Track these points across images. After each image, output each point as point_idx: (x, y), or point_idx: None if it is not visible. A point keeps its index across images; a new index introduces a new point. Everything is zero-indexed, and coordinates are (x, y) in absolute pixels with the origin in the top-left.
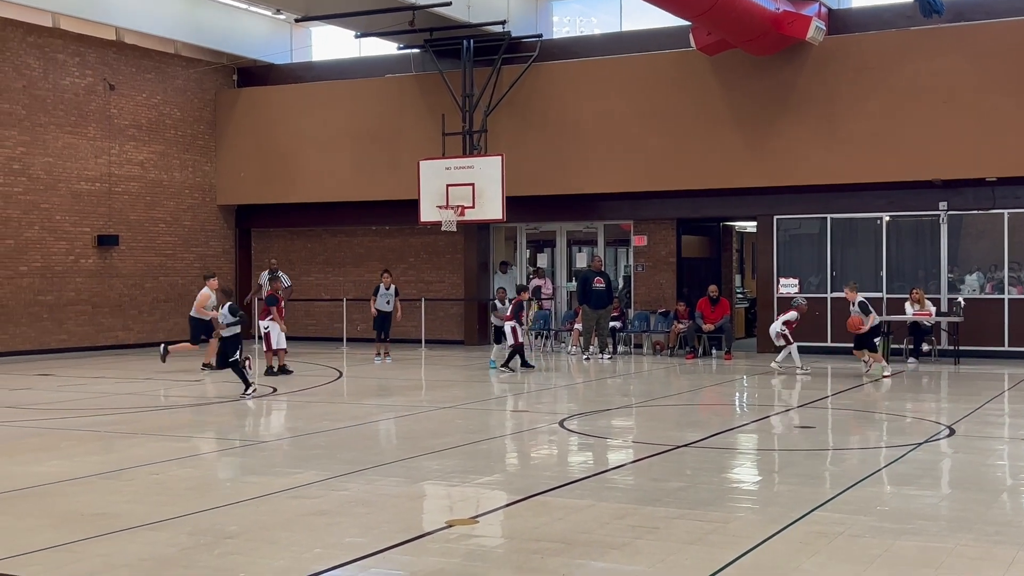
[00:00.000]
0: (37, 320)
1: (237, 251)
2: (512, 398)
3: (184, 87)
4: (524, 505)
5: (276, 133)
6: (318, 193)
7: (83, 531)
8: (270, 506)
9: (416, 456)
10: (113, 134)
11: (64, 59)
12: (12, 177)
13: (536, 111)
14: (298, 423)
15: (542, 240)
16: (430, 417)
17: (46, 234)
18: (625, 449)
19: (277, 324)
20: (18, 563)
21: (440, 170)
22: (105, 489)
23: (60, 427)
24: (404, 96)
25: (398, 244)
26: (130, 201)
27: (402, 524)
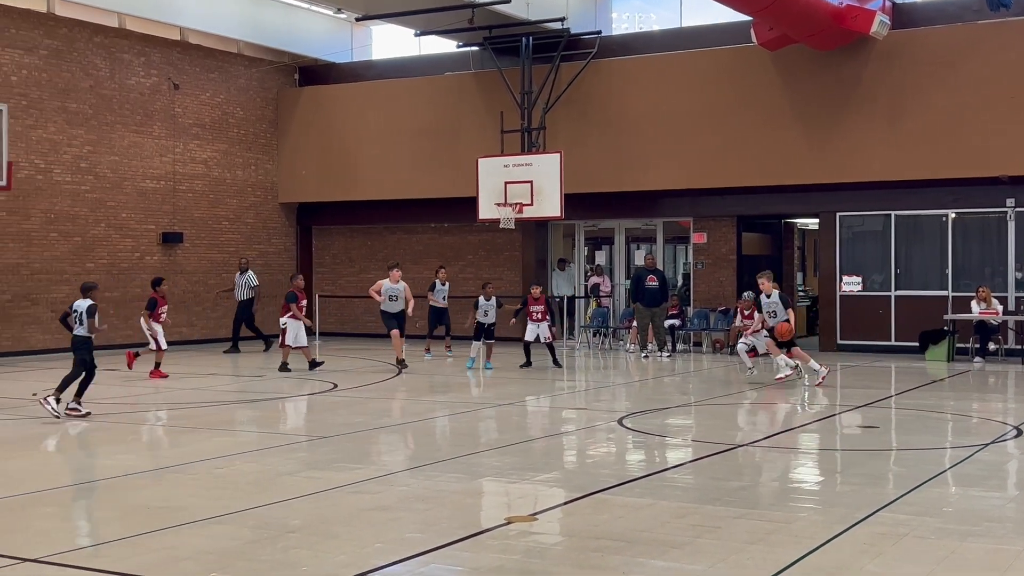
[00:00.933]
0: (104, 316)
1: (298, 249)
2: (570, 396)
3: (247, 86)
4: (583, 503)
5: (337, 131)
6: (378, 191)
7: (149, 524)
8: (331, 501)
9: (474, 453)
10: (177, 133)
11: (130, 59)
12: (80, 175)
13: (595, 108)
14: (358, 419)
15: (600, 237)
16: (488, 414)
17: (112, 232)
18: (684, 448)
19: (296, 321)
20: (88, 555)
21: (498, 167)
22: (170, 483)
23: (126, 421)
24: (463, 94)
25: (456, 242)
26: (194, 199)
27: (461, 520)
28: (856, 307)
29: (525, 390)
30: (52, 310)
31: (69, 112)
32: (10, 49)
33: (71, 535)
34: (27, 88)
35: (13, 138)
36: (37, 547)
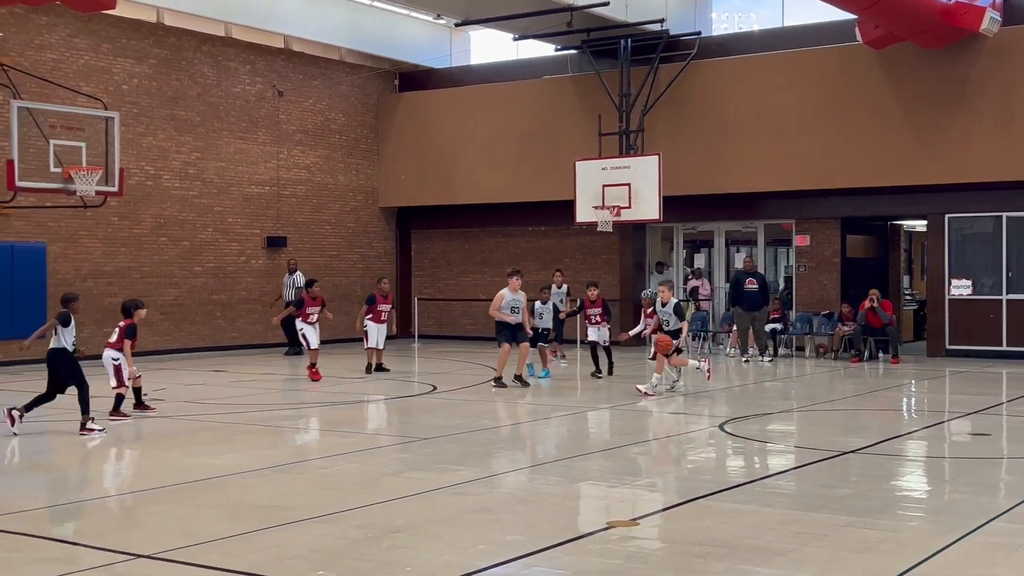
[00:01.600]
0: (211, 318)
1: (398, 252)
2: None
3: (348, 92)
4: (684, 508)
5: (435, 136)
6: (476, 195)
7: (256, 522)
8: (433, 502)
9: (574, 456)
10: (281, 139)
11: (236, 67)
12: (188, 181)
13: (694, 109)
14: (458, 421)
15: (699, 240)
16: (586, 418)
17: (219, 236)
18: (787, 454)
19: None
20: (199, 551)
21: (596, 170)
22: (277, 482)
23: (233, 421)
24: (561, 97)
25: (554, 244)
26: (297, 204)
27: (562, 523)
28: (965, 311)
29: (623, 394)
30: (161, 312)
31: (178, 119)
32: (121, 59)
33: (182, 532)
34: (138, 96)
35: (124, 145)
36: (150, 543)
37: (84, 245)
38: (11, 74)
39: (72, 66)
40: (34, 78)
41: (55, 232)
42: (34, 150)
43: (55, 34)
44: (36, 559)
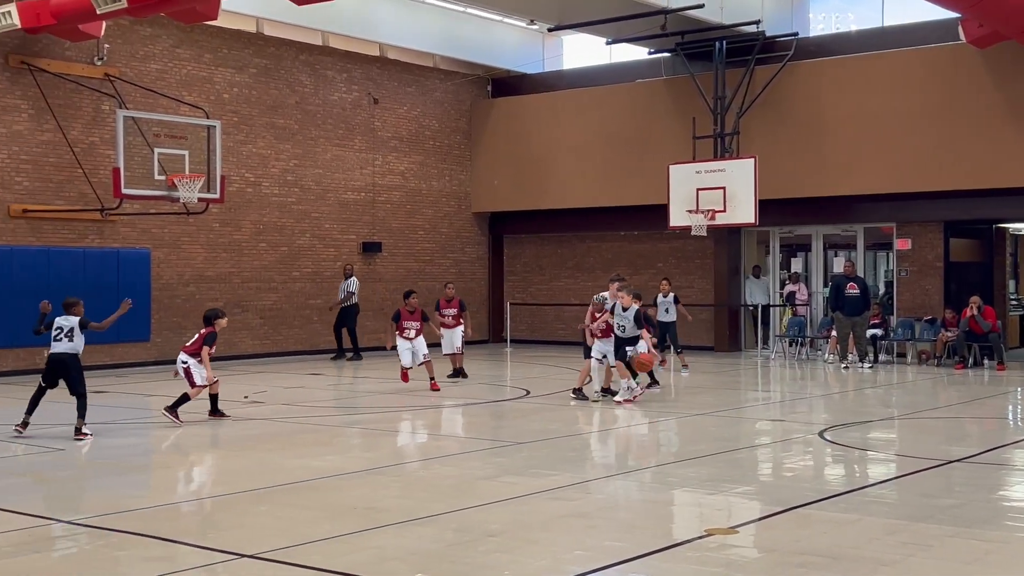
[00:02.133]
0: (308, 322)
1: (490, 257)
2: (766, 407)
3: (442, 99)
4: (784, 517)
5: (528, 141)
6: (568, 199)
7: (356, 524)
8: (529, 506)
9: (670, 463)
10: (377, 146)
11: (333, 75)
12: (286, 188)
13: (791, 111)
14: (552, 425)
15: (796, 244)
16: (683, 424)
17: (316, 241)
18: (889, 463)
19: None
20: (300, 552)
21: (690, 174)
22: (374, 484)
23: (331, 424)
24: (654, 101)
25: (647, 249)
26: (392, 210)
27: (660, 530)
28: None
29: (719, 400)
30: (261, 317)
31: (277, 127)
32: (222, 68)
33: (283, 532)
34: (238, 105)
35: (225, 153)
36: (253, 543)
37: (187, 251)
38: (117, 84)
39: (175, 76)
40: (139, 88)
41: (159, 238)
42: (139, 158)
43: (159, 45)
44: (140, 558)
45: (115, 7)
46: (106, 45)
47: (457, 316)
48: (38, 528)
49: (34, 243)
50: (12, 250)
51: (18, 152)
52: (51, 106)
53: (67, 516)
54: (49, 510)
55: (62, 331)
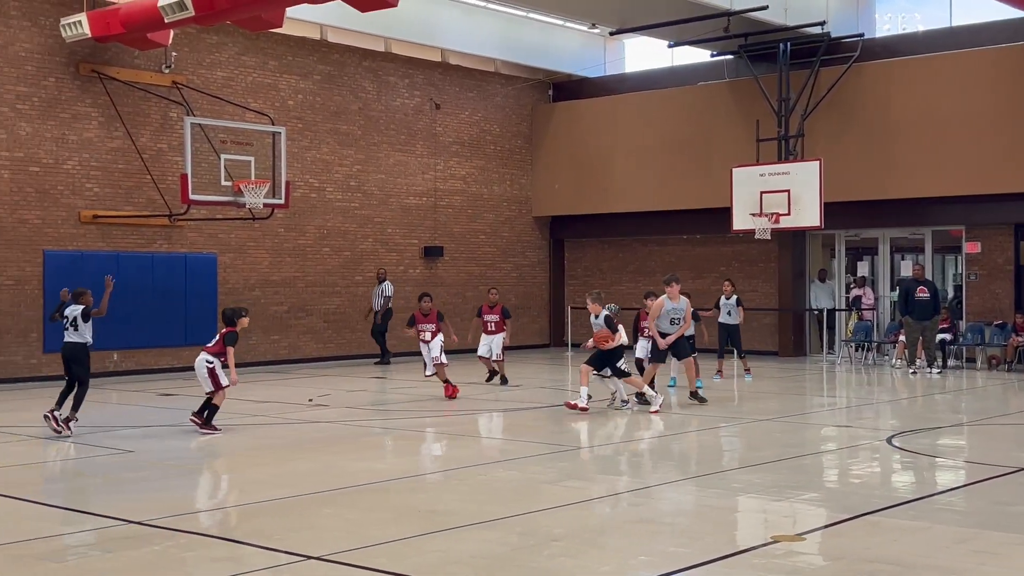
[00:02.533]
0: (371, 326)
1: (551, 261)
2: (832, 413)
3: (502, 104)
4: (852, 524)
5: (589, 145)
6: (629, 203)
7: (420, 527)
8: (592, 511)
9: (735, 469)
10: (438, 151)
11: (395, 81)
12: (349, 193)
13: (857, 113)
14: (615, 430)
15: (862, 247)
16: (747, 429)
17: (379, 246)
18: (959, 470)
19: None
20: (366, 554)
21: (754, 177)
22: (437, 487)
23: (393, 427)
24: (716, 103)
25: (709, 253)
26: (453, 214)
27: (724, 537)
28: None
29: (784, 406)
30: (324, 320)
31: (340, 133)
32: (287, 75)
33: (349, 535)
34: (302, 111)
35: (290, 159)
36: (318, 545)
37: (252, 256)
38: (184, 92)
39: (241, 83)
40: (205, 95)
41: (225, 243)
42: (206, 165)
43: (225, 52)
44: (207, 558)
45: (182, 15)
46: (174, 53)
47: (499, 322)
48: (108, 529)
49: (104, 248)
50: (83, 255)
51: (89, 159)
52: (120, 114)
53: (136, 517)
54: (119, 511)
55: (68, 320)
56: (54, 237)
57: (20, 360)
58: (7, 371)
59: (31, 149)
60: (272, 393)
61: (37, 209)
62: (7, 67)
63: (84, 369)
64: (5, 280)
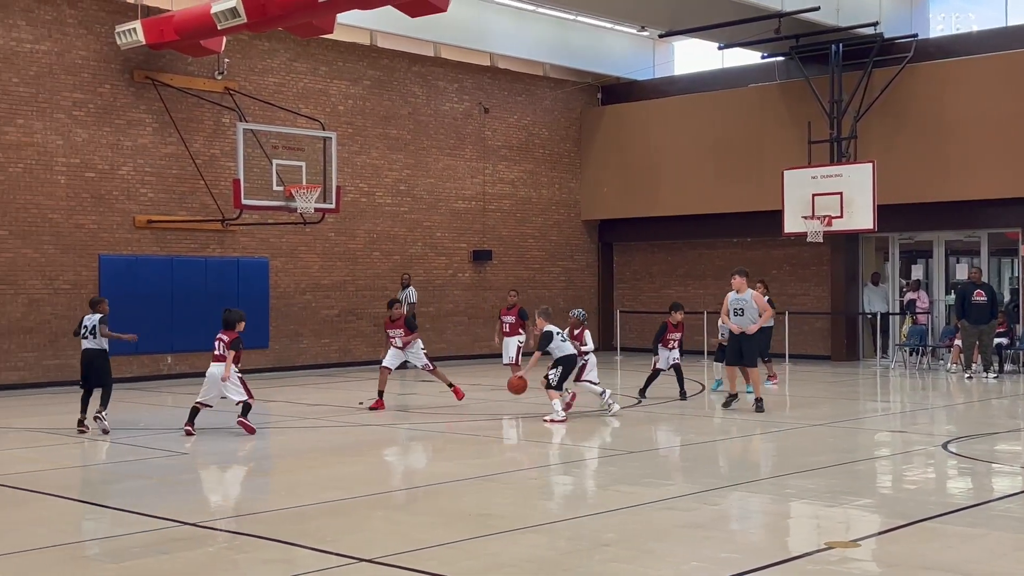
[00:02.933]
0: (420, 330)
1: (600, 265)
2: (886, 418)
3: (551, 107)
4: (908, 530)
5: (638, 148)
6: (678, 206)
7: (470, 530)
8: (643, 516)
9: (787, 474)
10: (487, 155)
11: (444, 86)
12: (399, 198)
13: (910, 114)
14: (664, 435)
15: (916, 250)
16: (799, 434)
17: (428, 250)
18: (1016, 476)
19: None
20: (417, 557)
21: (805, 179)
22: (487, 491)
23: (443, 431)
24: (766, 105)
25: (759, 256)
26: (502, 218)
27: (777, 542)
28: None
29: (837, 411)
30: (374, 324)
31: (390, 138)
32: (337, 80)
33: (400, 538)
34: (352, 117)
35: (340, 164)
36: (370, 548)
37: (303, 260)
38: (236, 98)
39: (292, 89)
40: (258, 101)
41: (276, 247)
42: (258, 170)
43: (276, 59)
44: (260, 560)
45: (235, 22)
46: (226, 60)
47: (515, 324)
48: (164, 530)
49: (158, 253)
50: (137, 259)
51: (143, 165)
52: (174, 120)
53: (191, 518)
54: (174, 512)
55: (87, 329)
56: (109, 242)
57: (76, 363)
58: (64, 374)
59: (87, 155)
60: (323, 396)
61: (93, 214)
62: (64, 75)
63: (105, 374)
64: (62, 284)
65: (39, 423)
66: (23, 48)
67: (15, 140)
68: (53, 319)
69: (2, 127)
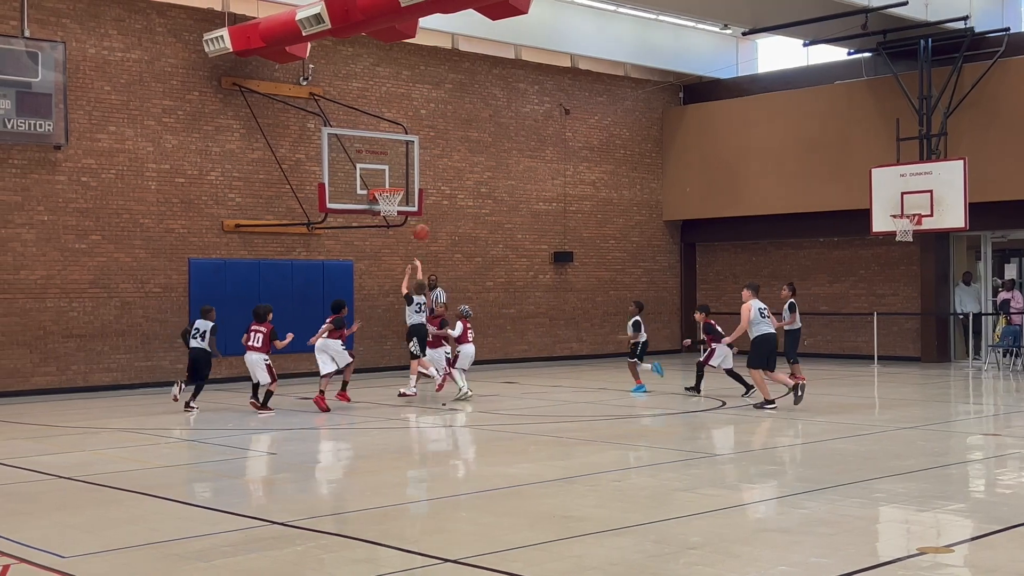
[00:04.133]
0: (501, 332)
1: (682, 266)
2: (978, 420)
3: (632, 107)
4: (1004, 536)
5: (720, 147)
6: (762, 205)
7: (555, 532)
8: (729, 519)
9: (877, 478)
10: (568, 156)
11: (525, 88)
12: (480, 200)
13: (1003, 110)
14: (750, 437)
15: (1009, 249)
16: (890, 437)
17: (509, 252)
18: None
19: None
20: (501, 558)
21: (894, 177)
22: (571, 493)
23: (526, 432)
24: (853, 102)
25: (847, 256)
26: (583, 219)
27: (867, 547)
28: None
29: (928, 413)
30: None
31: (471, 141)
32: (419, 84)
33: (484, 539)
34: (434, 120)
35: (423, 167)
36: (454, 548)
37: (387, 262)
38: (321, 103)
39: (375, 93)
40: (341, 106)
41: (360, 250)
42: (342, 174)
43: (359, 64)
44: (346, 559)
45: (320, 28)
46: (311, 66)
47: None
48: (253, 529)
49: (246, 256)
50: (226, 263)
51: (231, 170)
52: (260, 125)
53: (278, 518)
54: (262, 512)
55: (199, 332)
56: (198, 246)
57: (167, 365)
58: (155, 375)
59: (176, 161)
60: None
61: (182, 219)
62: (154, 82)
63: (207, 371)
64: (153, 288)
65: (131, 424)
66: (114, 57)
67: (107, 147)
68: (145, 322)
69: (95, 134)
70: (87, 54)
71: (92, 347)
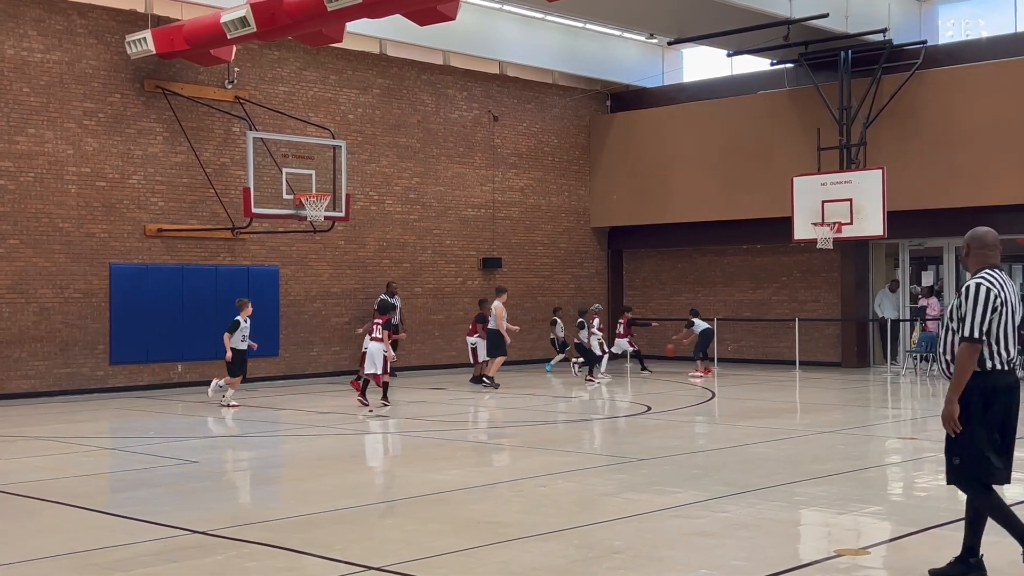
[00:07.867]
0: (429, 338)
1: (609, 272)
2: (896, 424)
3: (560, 115)
4: (918, 538)
5: (647, 155)
6: (688, 213)
7: (480, 538)
8: (652, 524)
9: (797, 481)
10: (496, 163)
11: (453, 94)
12: (408, 205)
13: (920, 121)
14: (674, 442)
15: (927, 256)
16: (809, 441)
17: (437, 258)
18: None
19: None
20: (426, 565)
21: (815, 186)
22: (496, 499)
23: (453, 438)
24: (776, 112)
25: (769, 263)
26: (511, 226)
27: (787, 550)
28: None
29: (847, 417)
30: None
31: (399, 146)
32: (347, 89)
33: (409, 546)
34: (362, 125)
35: (350, 172)
36: (380, 556)
37: (313, 268)
38: (247, 107)
39: (302, 97)
40: (267, 110)
41: (287, 255)
42: (268, 178)
43: (286, 68)
44: (270, 568)
45: (245, 31)
46: (236, 69)
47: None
48: (174, 539)
49: (169, 261)
50: (148, 268)
51: (153, 173)
52: (184, 129)
53: (200, 527)
54: (184, 521)
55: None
56: (120, 250)
57: (87, 372)
58: (75, 382)
59: (97, 164)
60: (334, 404)
61: (103, 223)
62: (74, 84)
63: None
64: (73, 293)
65: (50, 432)
66: (34, 58)
67: (26, 149)
68: (64, 328)
69: (13, 136)
70: (6, 55)
71: (9, 354)
